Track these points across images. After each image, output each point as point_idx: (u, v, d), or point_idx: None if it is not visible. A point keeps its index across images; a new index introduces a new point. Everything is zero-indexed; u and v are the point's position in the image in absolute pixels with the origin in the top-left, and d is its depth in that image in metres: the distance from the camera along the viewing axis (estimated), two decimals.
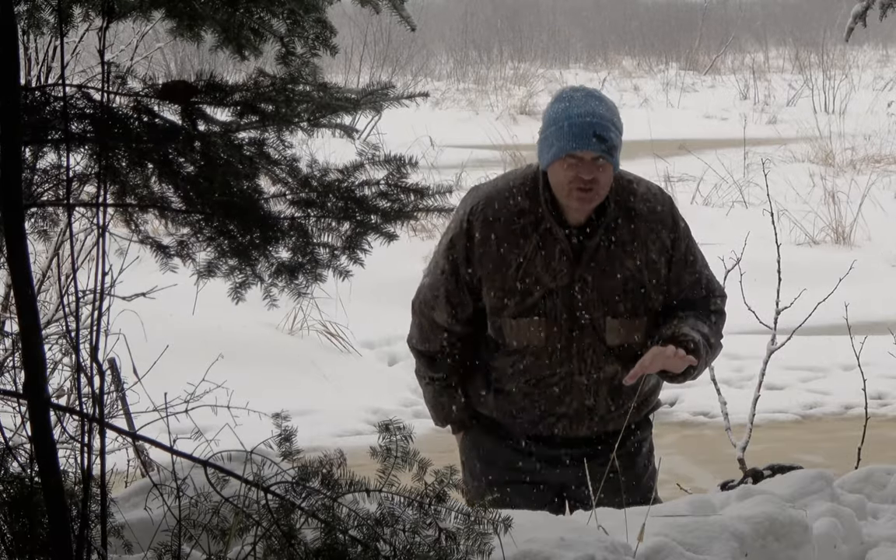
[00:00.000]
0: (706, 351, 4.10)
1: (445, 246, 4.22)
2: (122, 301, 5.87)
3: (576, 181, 4.00)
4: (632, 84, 35.83)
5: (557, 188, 4.06)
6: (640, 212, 4.14)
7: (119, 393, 5.46)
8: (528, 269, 4.08)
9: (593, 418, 4.19)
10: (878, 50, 42.70)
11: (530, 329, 4.11)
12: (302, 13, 3.03)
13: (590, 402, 4.16)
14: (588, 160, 3.99)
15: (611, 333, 4.11)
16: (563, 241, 4.08)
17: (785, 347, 6.54)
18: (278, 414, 2.84)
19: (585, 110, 4.01)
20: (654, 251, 4.12)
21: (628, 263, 4.09)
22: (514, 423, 4.25)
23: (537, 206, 4.10)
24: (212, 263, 3.13)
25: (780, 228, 7.73)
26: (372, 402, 9.72)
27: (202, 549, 2.79)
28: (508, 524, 2.72)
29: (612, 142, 4.00)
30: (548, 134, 4.05)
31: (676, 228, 4.18)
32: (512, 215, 4.11)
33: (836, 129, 21.64)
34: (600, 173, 4.01)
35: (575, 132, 3.98)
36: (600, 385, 4.15)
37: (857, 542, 3.52)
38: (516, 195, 4.13)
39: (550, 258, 4.08)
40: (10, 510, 2.74)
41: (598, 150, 3.98)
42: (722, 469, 7.04)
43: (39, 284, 6.59)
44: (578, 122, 3.99)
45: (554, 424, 4.20)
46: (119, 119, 2.99)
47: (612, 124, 4.02)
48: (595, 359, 4.13)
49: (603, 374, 4.14)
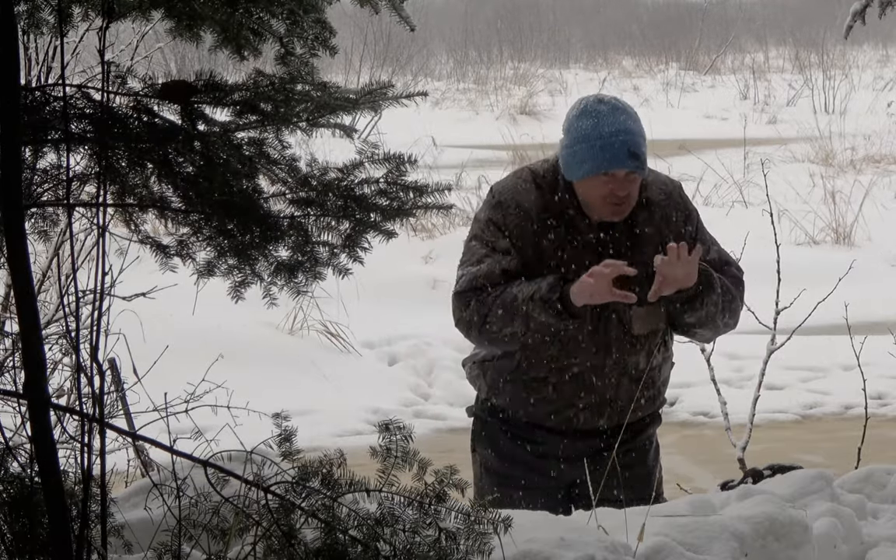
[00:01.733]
0: (720, 286, 4.11)
1: (484, 227, 4.13)
2: (122, 301, 5.86)
3: (611, 197, 4.05)
4: (632, 84, 35.81)
5: (591, 203, 4.09)
6: (654, 200, 4.19)
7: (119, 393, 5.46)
8: (559, 261, 4.10)
9: (614, 408, 4.20)
10: (878, 50, 42.69)
11: None
12: (301, 13, 3.03)
13: (611, 393, 4.19)
14: (621, 177, 4.03)
15: (637, 322, 4.15)
16: (586, 234, 4.12)
17: (785, 347, 6.55)
18: (278, 414, 2.84)
19: (616, 128, 4.02)
20: (671, 236, 4.16)
21: (648, 251, 4.12)
22: (532, 411, 4.23)
23: (560, 201, 4.12)
24: (211, 263, 3.14)
25: (780, 228, 7.74)
26: (372, 402, 9.72)
27: (202, 549, 2.79)
28: (508, 524, 2.72)
29: (643, 156, 4.05)
30: (577, 150, 4.06)
31: (689, 212, 4.26)
32: (540, 208, 4.12)
33: (836, 129, 21.66)
34: (633, 187, 4.07)
35: (608, 153, 4.00)
36: (623, 376, 4.19)
37: (857, 542, 3.52)
38: (541, 188, 4.15)
39: (576, 250, 4.11)
40: (10, 510, 2.74)
41: (633, 168, 4.03)
42: (722, 469, 7.04)
43: (39, 284, 6.60)
44: (611, 141, 4.00)
45: (575, 416, 4.20)
46: (119, 119, 2.99)
47: (642, 138, 4.06)
48: (621, 349, 4.16)
49: (627, 365, 4.18)
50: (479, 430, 4.40)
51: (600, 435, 4.25)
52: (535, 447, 4.28)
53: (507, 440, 4.32)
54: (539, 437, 4.27)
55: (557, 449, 4.26)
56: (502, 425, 4.32)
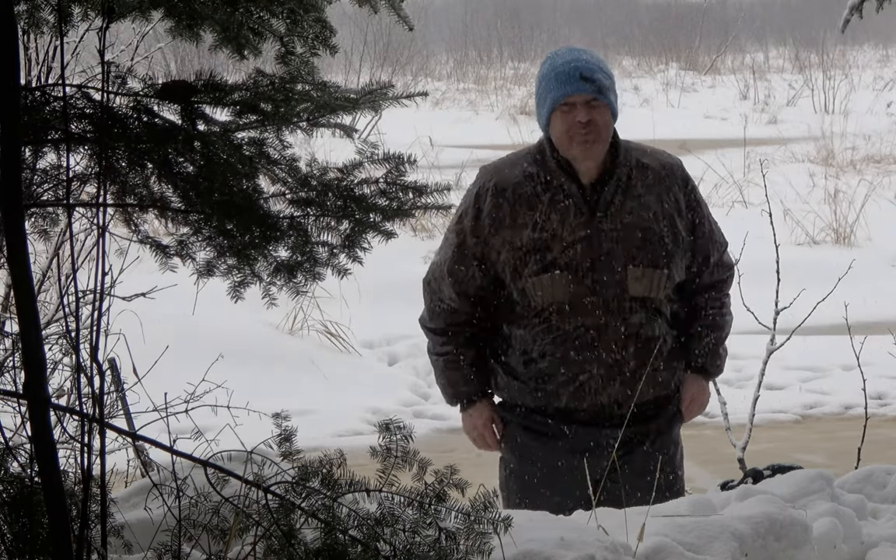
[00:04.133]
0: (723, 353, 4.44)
1: (455, 220, 4.30)
2: (122, 301, 5.86)
3: (574, 127, 4.11)
4: (632, 84, 35.81)
5: (560, 143, 4.15)
6: (652, 166, 4.24)
7: (119, 393, 5.46)
8: (544, 226, 4.14)
9: (623, 374, 4.18)
10: (878, 50, 42.70)
11: (553, 284, 4.15)
12: (301, 13, 3.03)
13: (618, 356, 4.17)
14: (581, 104, 4.09)
15: (633, 283, 4.16)
16: (576, 196, 4.16)
17: (785, 347, 6.54)
18: (278, 414, 2.84)
19: (568, 58, 4.15)
20: (669, 204, 4.21)
21: (643, 214, 4.17)
22: (543, 397, 4.22)
23: (547, 170, 4.18)
24: (211, 263, 3.14)
25: (780, 228, 7.74)
26: (372, 402, 9.72)
27: (202, 549, 2.80)
28: (508, 524, 2.72)
29: (600, 82, 4.11)
30: (539, 94, 4.19)
31: (689, 187, 4.29)
32: (522, 181, 4.19)
33: (837, 129, 21.65)
34: (596, 114, 4.10)
35: (562, 80, 4.10)
36: (628, 339, 4.18)
37: (857, 542, 3.51)
38: (524, 163, 4.23)
39: (566, 214, 4.15)
40: (10, 510, 2.74)
41: (587, 91, 4.09)
42: (722, 469, 7.04)
43: (39, 284, 6.59)
44: (564, 70, 4.11)
45: (583, 387, 4.18)
46: (119, 119, 2.99)
47: (599, 68, 4.14)
48: (619, 309, 4.16)
49: (629, 326, 4.17)
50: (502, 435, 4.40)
51: (616, 417, 4.17)
52: (553, 443, 4.25)
53: (527, 438, 4.30)
54: (555, 429, 4.24)
55: (577, 442, 4.23)
56: (523, 421, 4.31)
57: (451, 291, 4.26)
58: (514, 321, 4.24)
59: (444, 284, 4.28)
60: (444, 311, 4.30)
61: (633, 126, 26.92)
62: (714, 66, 39.58)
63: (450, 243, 4.28)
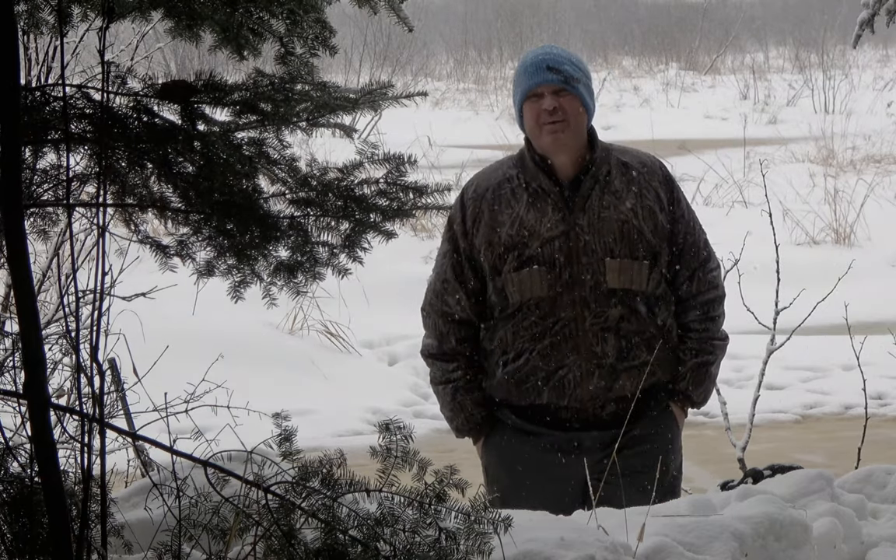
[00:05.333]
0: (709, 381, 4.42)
1: (445, 230, 4.36)
2: (122, 301, 5.86)
3: (542, 116, 4.19)
4: (632, 84, 35.83)
5: (532, 135, 4.23)
6: (632, 164, 4.29)
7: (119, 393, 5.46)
8: (522, 223, 4.20)
9: (602, 368, 4.17)
10: (879, 50, 42.68)
11: (531, 279, 4.18)
12: (301, 13, 3.03)
13: (598, 349, 4.17)
14: (549, 93, 4.18)
15: (611, 274, 4.18)
16: (554, 194, 4.22)
17: (785, 347, 6.54)
18: (278, 414, 2.84)
19: (538, 53, 4.27)
20: (650, 198, 4.24)
21: (621, 207, 4.21)
22: (526, 393, 4.22)
23: (526, 171, 4.26)
24: (211, 263, 3.14)
25: (780, 228, 7.74)
26: (372, 402, 9.72)
27: (202, 549, 2.79)
28: (508, 524, 2.72)
29: (567, 73, 4.19)
30: (513, 93, 4.32)
31: (671, 185, 4.32)
32: (501, 183, 4.28)
33: (837, 128, 21.65)
34: (564, 102, 4.18)
35: (530, 72, 4.21)
36: (607, 333, 4.17)
37: (857, 542, 3.51)
38: (504, 167, 4.33)
39: (543, 212, 4.21)
40: (10, 510, 2.74)
41: (554, 81, 4.18)
42: (722, 469, 7.04)
43: (39, 284, 6.59)
44: (532, 62, 4.23)
45: (563, 381, 4.17)
46: (119, 119, 2.99)
47: (568, 60, 4.23)
48: (598, 301, 4.17)
49: (607, 318, 4.17)
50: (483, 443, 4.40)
51: (600, 419, 4.19)
52: (538, 440, 4.24)
53: (513, 438, 4.29)
54: (542, 427, 4.23)
55: (561, 442, 4.23)
56: (507, 420, 4.30)
57: (455, 296, 4.28)
58: (495, 322, 4.25)
59: (447, 293, 4.29)
60: (454, 324, 4.30)
61: (633, 126, 26.97)
62: (714, 66, 39.59)
63: (443, 252, 4.33)
